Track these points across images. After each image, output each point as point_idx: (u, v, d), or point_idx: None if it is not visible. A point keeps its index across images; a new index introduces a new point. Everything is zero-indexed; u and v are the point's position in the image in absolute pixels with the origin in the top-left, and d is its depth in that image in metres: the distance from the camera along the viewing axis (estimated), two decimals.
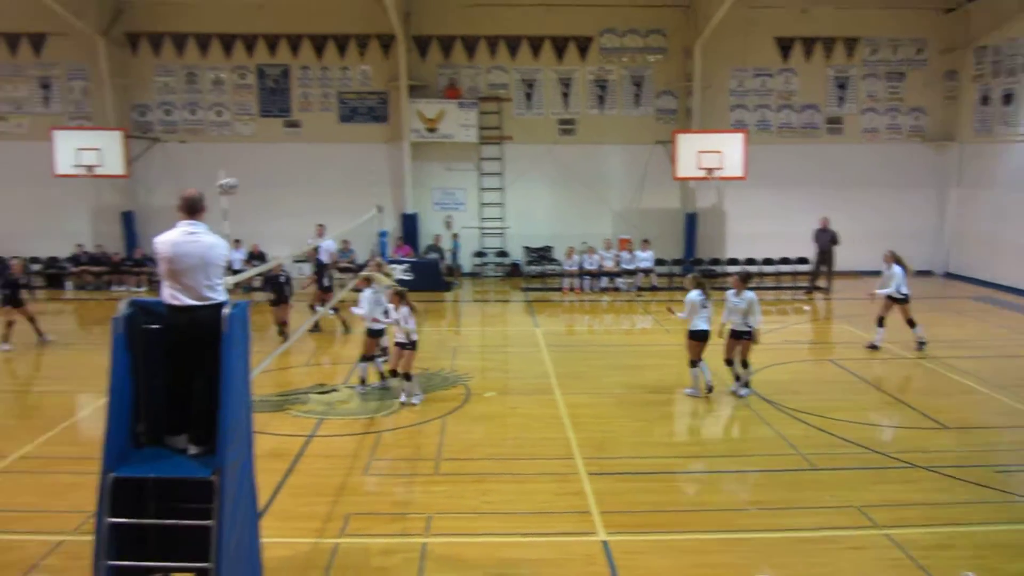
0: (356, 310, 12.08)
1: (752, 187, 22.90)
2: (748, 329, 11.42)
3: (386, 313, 11.63)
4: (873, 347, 14.62)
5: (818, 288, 21.46)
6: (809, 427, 10.36)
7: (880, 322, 14.62)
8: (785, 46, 23.96)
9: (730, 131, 23.08)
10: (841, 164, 24.00)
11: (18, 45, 23.80)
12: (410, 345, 11.27)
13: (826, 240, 21.33)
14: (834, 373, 13.31)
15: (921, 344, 14.36)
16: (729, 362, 11.70)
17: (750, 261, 22.98)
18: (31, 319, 15.33)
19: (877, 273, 22.84)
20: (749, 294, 11.36)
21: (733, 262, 23.38)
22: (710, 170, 21.83)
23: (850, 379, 12.86)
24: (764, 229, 22.88)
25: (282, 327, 15.38)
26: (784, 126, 24.24)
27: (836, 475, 8.86)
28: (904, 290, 14.24)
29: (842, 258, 22.11)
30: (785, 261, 22.79)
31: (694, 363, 11.75)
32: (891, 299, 14.38)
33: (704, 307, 11.51)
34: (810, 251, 22.02)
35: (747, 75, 24.07)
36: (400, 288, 11.52)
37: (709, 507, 8.03)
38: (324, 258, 18.48)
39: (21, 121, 24.15)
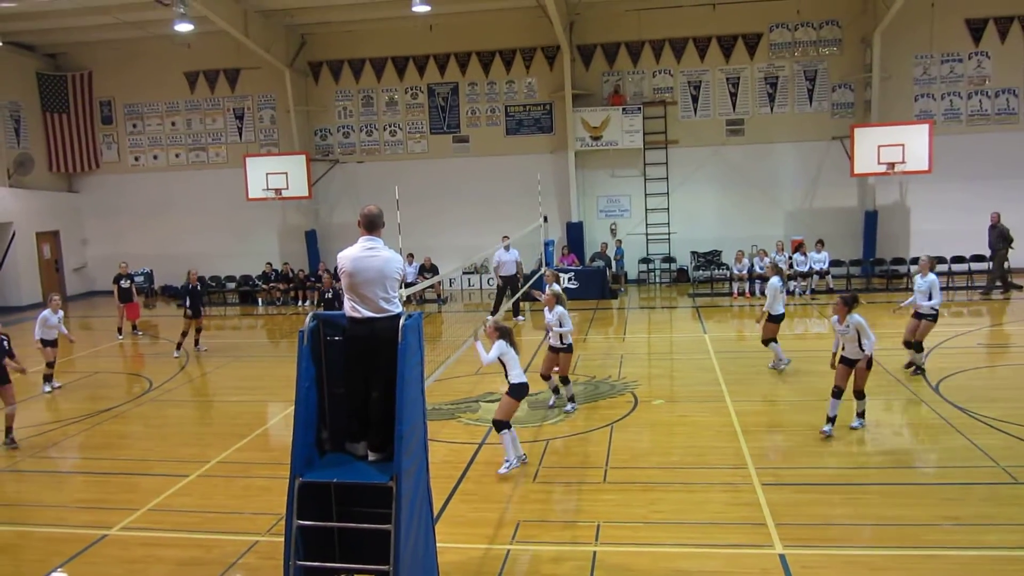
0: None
1: (939, 181, 21.47)
2: (860, 357, 9.85)
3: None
4: (917, 369, 12.49)
5: (996, 287, 19.75)
6: (1010, 437, 9.53)
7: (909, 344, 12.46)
8: (977, 28, 22.29)
9: (914, 122, 21.79)
10: None
11: (216, 81, 26.02)
12: (511, 390, 9.30)
13: (995, 238, 19.56)
14: None
15: (918, 369, 12.40)
16: (837, 393, 9.97)
17: (938, 260, 21.43)
18: (198, 329, 16.81)
19: None
20: (855, 318, 9.76)
21: (917, 261, 21.85)
22: (891, 164, 20.66)
23: None
24: (953, 226, 21.28)
25: None
26: (975, 114, 22.53)
27: None
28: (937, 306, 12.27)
29: None
30: (979, 259, 21.05)
31: (766, 342, 13.32)
32: (918, 315, 12.35)
33: (783, 292, 13.18)
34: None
35: (932, 62, 22.58)
36: (502, 324, 9.58)
37: (895, 521, 7.55)
38: (512, 269, 18.88)
39: (219, 150, 26.38)
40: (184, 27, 20.44)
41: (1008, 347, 14.49)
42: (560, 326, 11.16)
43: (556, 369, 11.61)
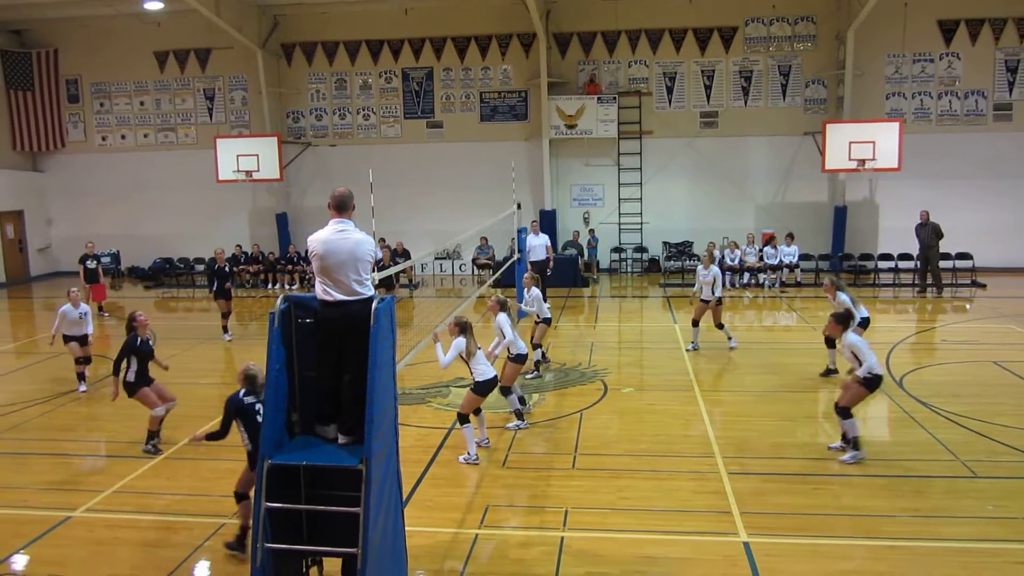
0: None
1: (908, 178, 21.82)
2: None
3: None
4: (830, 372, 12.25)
5: (931, 285, 20.14)
6: (969, 432, 9.73)
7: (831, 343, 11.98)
8: (948, 29, 22.59)
9: (884, 120, 22.03)
10: (1009, 154, 22.41)
11: (187, 61, 25.65)
12: (476, 387, 9.29)
13: (928, 235, 19.87)
14: (997, 375, 12.42)
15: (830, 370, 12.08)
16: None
17: (904, 256, 21.80)
18: (225, 314, 16.48)
19: None
20: (849, 340, 9.14)
21: (885, 257, 22.26)
22: (862, 161, 20.91)
23: (1016, 382, 11.99)
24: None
25: None
26: (945, 114, 22.85)
27: (998, 484, 8.30)
28: (864, 313, 11.78)
29: (1011, 254, 21.05)
30: (945, 256, 21.36)
31: (695, 322, 14.32)
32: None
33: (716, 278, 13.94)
34: (973, 246, 20.83)
35: (904, 61, 22.85)
36: (462, 320, 9.36)
37: (857, 512, 7.69)
38: (542, 254, 18.62)
39: (189, 131, 26.01)
40: (154, 5, 20.18)
41: (971, 344, 14.72)
42: (503, 337, 10.17)
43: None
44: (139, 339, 9.94)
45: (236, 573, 6.76)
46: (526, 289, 12.87)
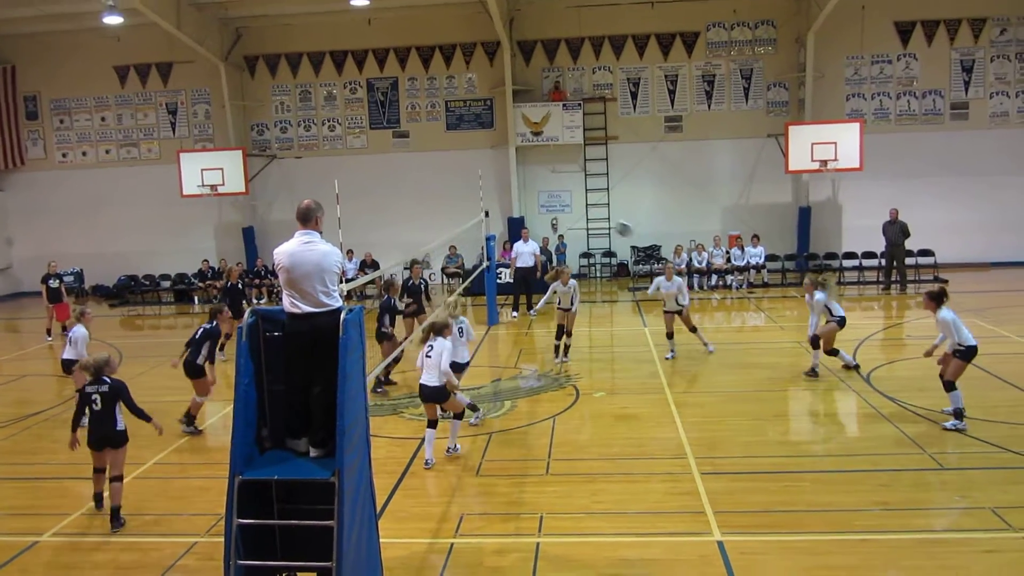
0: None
1: (869, 178, 22.15)
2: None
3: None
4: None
5: (895, 282, 20.53)
6: (936, 426, 9.87)
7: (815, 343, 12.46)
8: (905, 30, 23.02)
9: (845, 121, 22.36)
10: (966, 152, 22.85)
11: (148, 75, 25.38)
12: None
13: (895, 233, 20.22)
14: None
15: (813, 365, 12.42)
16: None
17: (868, 255, 22.11)
18: (227, 335, 14.33)
19: (1008, 265, 21.83)
20: (943, 316, 9.81)
21: (850, 256, 22.57)
22: (824, 162, 21.19)
23: (981, 375, 12.16)
24: (882, 221, 21.85)
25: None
26: (904, 114, 23.25)
27: (966, 475, 8.44)
28: (840, 312, 12.39)
29: (971, 250, 21.58)
30: (908, 253, 21.67)
31: (670, 335, 14.09)
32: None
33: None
34: (933, 243, 21.21)
35: (863, 62, 23.23)
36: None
37: (828, 507, 7.77)
38: (530, 261, 19.08)
39: (152, 146, 25.73)
40: (113, 20, 19.87)
41: (935, 339, 14.93)
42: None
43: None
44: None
45: None
46: (560, 283, 14.23)
